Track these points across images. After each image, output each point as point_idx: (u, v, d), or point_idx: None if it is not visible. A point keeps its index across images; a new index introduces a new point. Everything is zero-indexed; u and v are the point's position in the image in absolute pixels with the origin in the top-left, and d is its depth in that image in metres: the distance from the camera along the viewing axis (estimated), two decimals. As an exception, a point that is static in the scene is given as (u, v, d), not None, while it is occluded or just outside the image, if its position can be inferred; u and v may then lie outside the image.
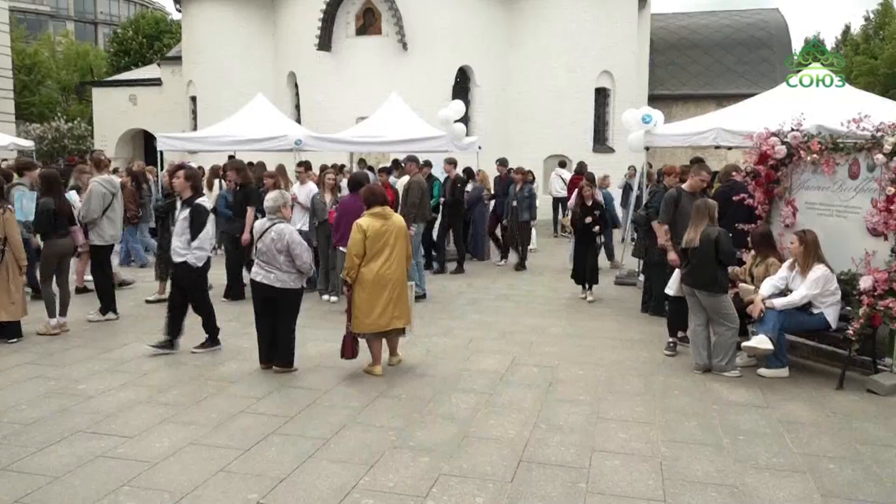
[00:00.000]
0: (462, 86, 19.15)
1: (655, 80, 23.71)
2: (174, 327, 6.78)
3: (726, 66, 24.12)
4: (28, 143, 21.07)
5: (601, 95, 20.12)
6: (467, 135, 15.35)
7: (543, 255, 13.79)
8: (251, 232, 8.21)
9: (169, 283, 7.62)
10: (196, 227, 6.59)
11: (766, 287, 6.34)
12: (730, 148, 10.30)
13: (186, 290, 6.77)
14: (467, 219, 13.27)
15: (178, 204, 6.97)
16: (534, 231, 14.13)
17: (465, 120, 17.94)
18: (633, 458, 4.53)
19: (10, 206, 7.32)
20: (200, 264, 6.66)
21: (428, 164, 11.71)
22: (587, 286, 9.57)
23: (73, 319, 7.82)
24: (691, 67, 24.31)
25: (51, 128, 32.81)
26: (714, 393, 5.83)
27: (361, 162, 14.73)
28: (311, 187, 9.76)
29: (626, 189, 16.28)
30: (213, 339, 6.93)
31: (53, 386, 5.80)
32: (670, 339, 7.04)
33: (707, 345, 6.37)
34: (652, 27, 24.29)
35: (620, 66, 19.88)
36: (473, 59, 19.09)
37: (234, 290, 9.24)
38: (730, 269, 6.56)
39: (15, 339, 7.10)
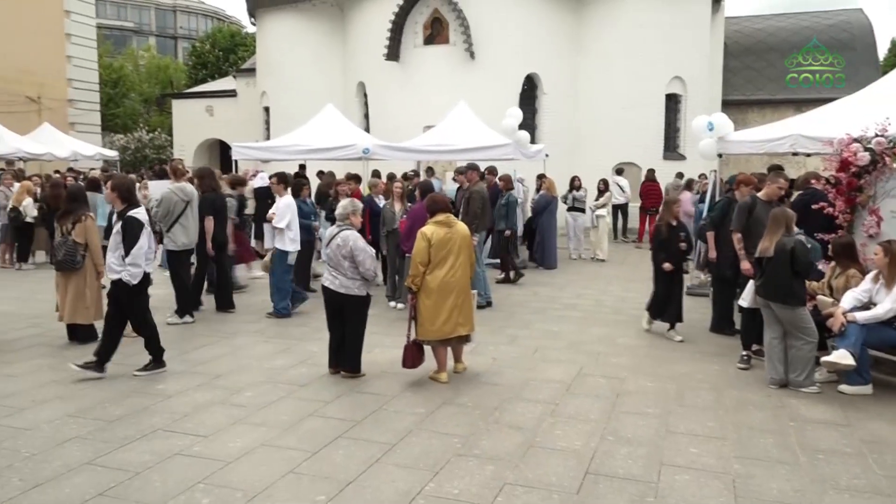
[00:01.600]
0: (529, 93, 19.09)
1: (729, 85, 23.06)
2: (107, 349, 6.29)
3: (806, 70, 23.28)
4: (112, 153, 22.20)
5: (672, 101, 19.71)
6: (534, 142, 15.34)
7: (612, 265, 13.58)
8: (211, 241, 8.76)
9: None
10: (129, 241, 6.11)
11: (848, 300, 6.07)
12: (808, 155, 9.91)
13: (124, 310, 6.33)
14: (534, 226, 13.23)
15: (114, 217, 6.47)
16: (605, 240, 13.95)
17: (532, 127, 17.93)
18: (703, 473, 4.41)
19: (91, 214, 7.70)
20: (135, 281, 6.16)
21: (430, 171, 11.57)
22: (672, 324, 7.94)
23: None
24: (768, 71, 23.52)
25: (133, 138, 34.39)
26: (790, 409, 5.62)
27: (429, 170, 14.86)
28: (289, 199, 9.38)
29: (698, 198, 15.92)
30: (157, 361, 6.45)
31: (135, 385, 6.06)
32: (744, 353, 6.82)
33: (783, 359, 6.14)
34: (726, 31, 23.64)
35: (692, 72, 19.43)
36: (540, 67, 19.02)
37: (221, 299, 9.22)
38: (807, 283, 6.32)
39: (90, 342, 7.41)
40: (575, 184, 14.10)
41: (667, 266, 7.76)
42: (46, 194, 11.68)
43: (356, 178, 10.07)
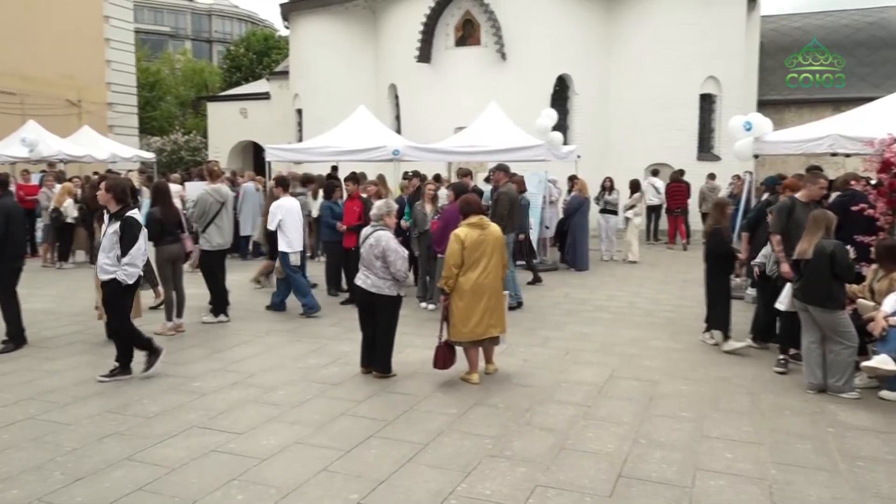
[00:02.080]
0: (561, 94, 18.99)
1: (766, 85, 22.63)
2: (126, 353, 6.40)
3: (844, 69, 22.76)
4: (150, 156, 22.60)
5: (706, 101, 19.43)
6: (566, 143, 15.26)
7: (644, 267, 13.45)
8: None
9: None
10: (127, 241, 6.11)
11: (890, 303, 5.94)
12: (848, 155, 9.71)
13: (107, 310, 6.36)
14: (565, 228, 13.16)
15: (106, 217, 6.45)
16: (635, 242, 13.82)
17: (563, 128, 17.82)
18: (740, 479, 4.34)
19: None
20: (131, 281, 6.16)
21: (416, 174, 11.52)
22: (726, 333, 7.41)
23: (189, 321, 8.32)
24: (804, 71, 23.10)
25: (169, 140, 34.99)
26: (829, 415, 5.50)
27: (461, 171, 14.83)
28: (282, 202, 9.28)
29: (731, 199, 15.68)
30: (124, 368, 6.31)
31: (171, 382, 6.17)
32: (781, 356, 6.70)
33: (822, 363, 6.02)
34: (762, 29, 23.22)
35: (727, 71, 19.13)
36: (572, 67, 18.90)
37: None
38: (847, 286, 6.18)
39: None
40: (607, 185, 14.00)
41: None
42: (86, 195, 11.96)
43: (354, 179, 9.97)
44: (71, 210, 12.58)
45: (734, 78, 19.26)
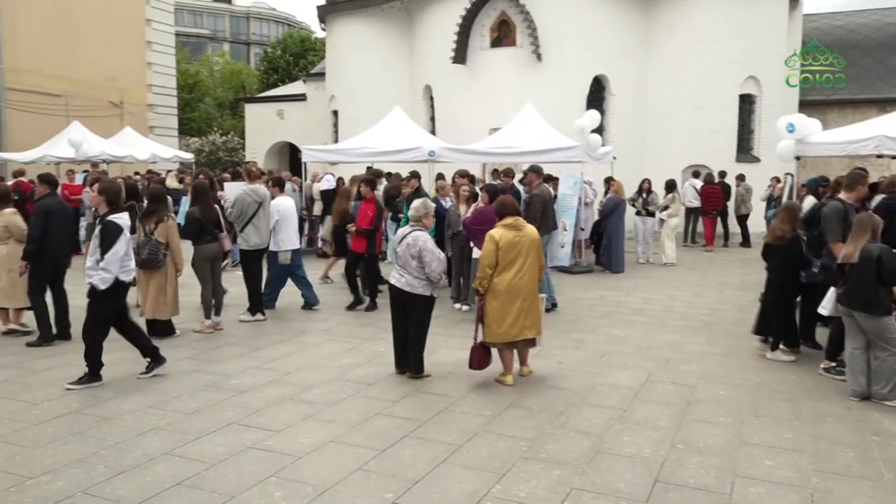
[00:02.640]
0: (596, 95, 18.83)
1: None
2: (146, 347, 6.39)
3: (890, 68, 22.14)
4: (188, 156, 23.02)
5: (746, 102, 19.10)
6: (602, 144, 15.13)
7: (681, 270, 13.27)
8: None
9: None
10: (105, 245, 5.92)
11: (938, 309, 5.76)
12: (894, 157, 9.46)
13: (87, 311, 6.19)
14: (601, 229, 13.06)
15: (97, 220, 6.30)
16: (668, 244, 13.64)
17: (599, 129, 17.66)
18: (780, 486, 4.26)
19: (172, 214, 8.04)
20: (104, 287, 5.93)
21: (416, 175, 11.38)
22: (778, 343, 7.15)
23: (226, 319, 8.45)
24: (849, 70, 22.50)
25: (208, 141, 35.58)
26: (873, 422, 5.37)
27: (495, 172, 14.83)
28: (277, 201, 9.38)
29: (769, 201, 15.41)
30: (93, 374, 6.12)
31: (210, 380, 6.28)
32: (833, 363, 6.54)
33: (866, 370, 5.87)
34: (804, 28, 22.74)
35: (768, 71, 18.77)
36: (608, 68, 18.74)
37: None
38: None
39: (169, 337, 7.73)
40: (644, 186, 13.85)
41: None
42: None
43: (369, 182, 9.63)
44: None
45: (775, 78, 18.89)
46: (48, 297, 7.66)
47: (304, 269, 9.58)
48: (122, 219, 6.11)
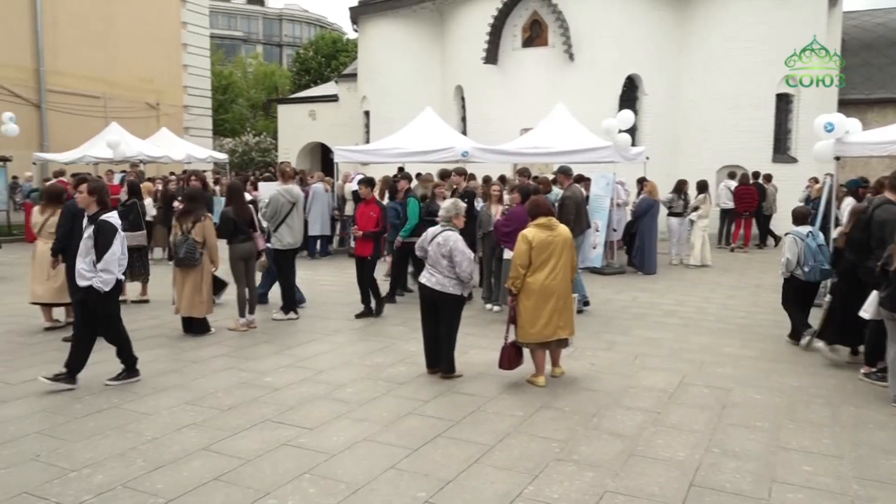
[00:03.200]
0: (629, 95, 18.67)
1: (847, 84, 21.72)
2: (78, 360, 6.03)
3: (932, 66, 21.63)
4: (222, 156, 23.35)
5: (783, 101, 18.77)
6: (634, 144, 15.00)
7: (716, 271, 13.09)
8: None
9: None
10: (101, 246, 5.82)
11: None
12: (938, 157, 9.23)
13: (95, 319, 6.04)
14: (633, 230, 12.94)
15: (84, 221, 6.14)
16: (703, 245, 13.47)
17: (631, 130, 17.49)
18: (819, 493, 4.18)
19: (209, 214, 8.17)
20: (108, 288, 5.86)
21: (407, 177, 11.20)
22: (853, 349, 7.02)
23: (260, 318, 8.56)
24: (890, 69, 22.00)
25: (241, 142, 36.08)
26: (916, 429, 5.24)
27: (524, 172, 14.75)
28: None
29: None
30: (130, 370, 6.22)
31: (244, 377, 6.36)
32: (874, 370, 6.39)
33: (908, 375, 5.74)
34: (843, 26, 22.29)
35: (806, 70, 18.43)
36: (642, 67, 18.56)
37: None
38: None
39: (205, 334, 7.87)
40: (681, 187, 13.70)
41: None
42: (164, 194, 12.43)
43: (369, 183, 9.27)
44: (150, 209, 13.09)
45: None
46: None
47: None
48: (114, 218, 6.00)
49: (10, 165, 18.50)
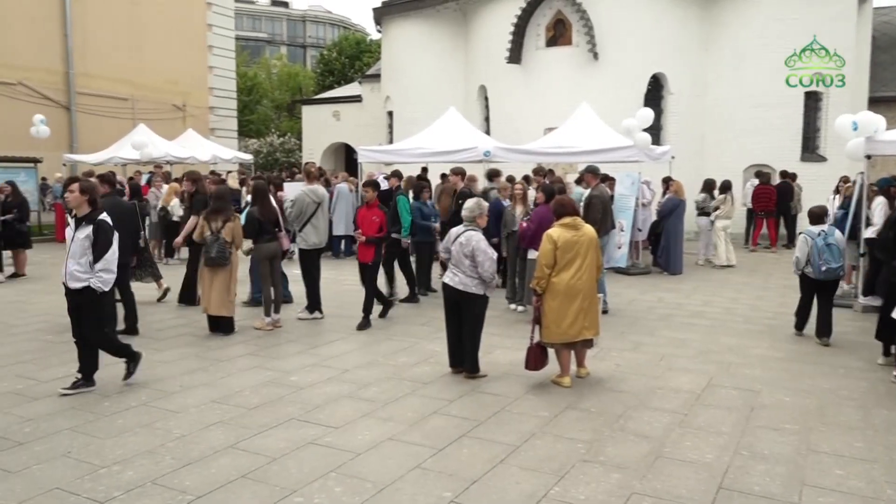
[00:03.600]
0: (654, 94, 18.51)
1: (878, 81, 21.33)
2: (89, 363, 6.01)
3: (966, 63, 21.17)
4: (247, 157, 23.53)
5: (811, 99, 18.48)
6: (660, 144, 14.88)
7: (742, 272, 12.93)
8: (186, 236, 9.10)
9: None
10: (101, 246, 5.75)
11: None
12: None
13: (82, 320, 5.89)
14: (659, 230, 12.84)
15: (72, 221, 6.01)
16: (721, 245, 13.29)
17: (657, 129, 17.37)
18: (851, 497, 4.11)
19: (237, 215, 8.26)
20: (107, 288, 5.82)
21: (397, 174, 11.11)
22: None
23: (285, 317, 8.61)
24: (921, 65, 21.61)
25: (266, 142, 36.31)
26: (952, 433, 5.13)
27: (550, 172, 14.70)
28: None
29: (842, 204, 14.86)
30: (87, 379, 5.99)
31: (270, 376, 6.41)
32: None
33: (943, 378, 5.62)
34: (874, 22, 21.89)
35: (835, 68, 18.13)
36: (667, 66, 18.40)
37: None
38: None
39: (231, 333, 7.95)
40: (710, 187, 13.56)
41: None
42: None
43: (373, 185, 8.76)
44: (177, 209, 13.25)
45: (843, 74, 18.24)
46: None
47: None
48: (109, 218, 5.95)
49: (41, 167, 18.84)
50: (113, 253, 5.81)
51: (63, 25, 21.90)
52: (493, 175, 11.35)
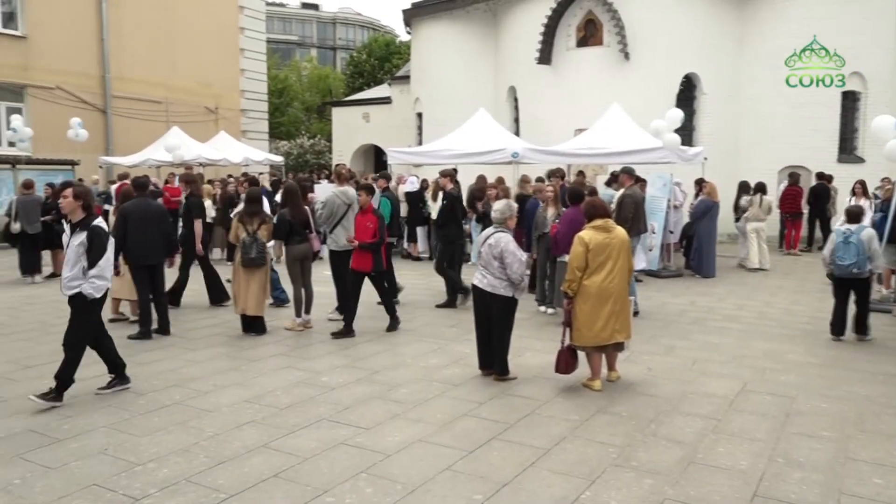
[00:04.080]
0: (686, 94, 18.29)
1: (917, 80, 20.85)
2: (113, 362, 6.04)
3: None
4: (278, 159, 23.79)
5: (849, 99, 18.10)
6: (692, 145, 14.70)
7: (777, 275, 12.71)
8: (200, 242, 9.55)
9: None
10: (96, 252, 5.61)
11: None
12: None
13: (71, 324, 5.76)
14: (691, 233, 12.68)
15: (67, 228, 5.89)
16: (753, 248, 13.07)
17: (689, 129, 17.16)
18: (892, 507, 4.02)
19: (271, 216, 8.37)
20: (98, 295, 5.67)
21: (385, 176, 10.95)
22: None
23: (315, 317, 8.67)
24: (964, 64, 21.04)
25: (296, 144, 36.65)
26: None
27: (580, 174, 14.64)
28: None
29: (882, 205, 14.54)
30: (121, 377, 6.04)
31: (301, 377, 6.46)
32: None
33: None
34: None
35: (873, 66, 17.73)
36: (700, 66, 18.15)
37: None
38: None
39: (263, 334, 8.05)
40: (746, 188, 13.37)
41: None
42: (222, 196, 12.73)
43: (368, 189, 8.52)
44: (209, 210, 13.42)
45: (881, 74, 17.84)
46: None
47: (275, 271, 9.62)
48: (104, 224, 5.82)
49: (77, 169, 19.25)
50: (107, 259, 5.69)
51: (99, 30, 22.35)
52: (551, 175, 11.43)
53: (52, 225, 12.11)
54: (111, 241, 5.82)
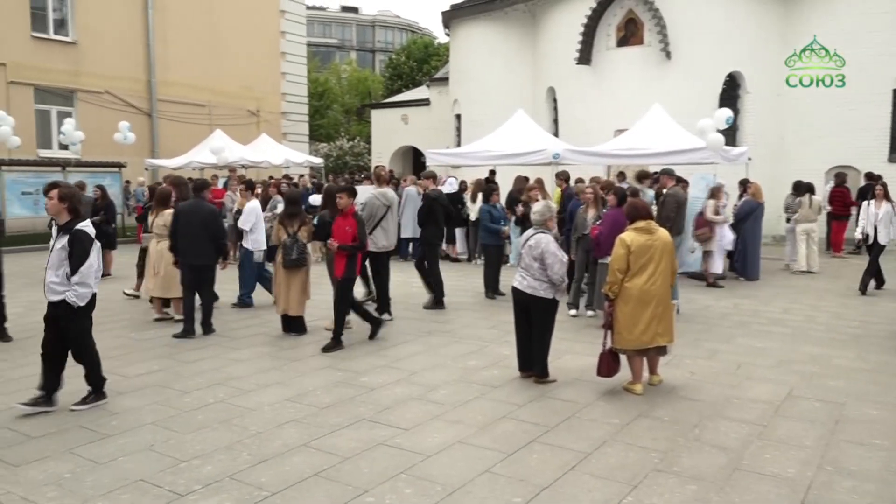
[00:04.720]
0: (730, 93, 17.95)
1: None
2: (52, 380, 5.55)
3: None
4: (318, 161, 24.04)
5: (901, 97, 17.57)
6: (736, 145, 14.41)
7: (824, 278, 12.39)
8: None
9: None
10: (77, 257, 5.32)
11: None
12: None
13: (65, 335, 5.53)
14: (735, 235, 12.41)
15: (54, 231, 5.64)
16: (801, 250, 12.74)
17: (733, 129, 16.81)
18: (948, 519, 3.88)
19: (310, 217, 8.47)
20: (83, 303, 5.38)
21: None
22: None
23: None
24: None
25: (335, 146, 37.02)
26: None
27: (620, 175, 14.47)
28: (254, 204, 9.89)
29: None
30: (97, 392, 5.71)
31: (341, 377, 6.51)
32: None
33: None
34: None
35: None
36: (744, 64, 17.81)
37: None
38: None
39: (303, 334, 8.15)
40: (797, 189, 13.09)
41: None
42: (264, 198, 12.91)
43: (350, 191, 7.83)
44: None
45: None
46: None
47: (268, 270, 9.74)
48: (90, 227, 5.51)
49: (124, 171, 19.76)
50: (90, 266, 5.36)
51: (146, 35, 22.91)
52: (642, 177, 11.41)
53: (101, 226, 12.43)
54: (96, 247, 5.48)
